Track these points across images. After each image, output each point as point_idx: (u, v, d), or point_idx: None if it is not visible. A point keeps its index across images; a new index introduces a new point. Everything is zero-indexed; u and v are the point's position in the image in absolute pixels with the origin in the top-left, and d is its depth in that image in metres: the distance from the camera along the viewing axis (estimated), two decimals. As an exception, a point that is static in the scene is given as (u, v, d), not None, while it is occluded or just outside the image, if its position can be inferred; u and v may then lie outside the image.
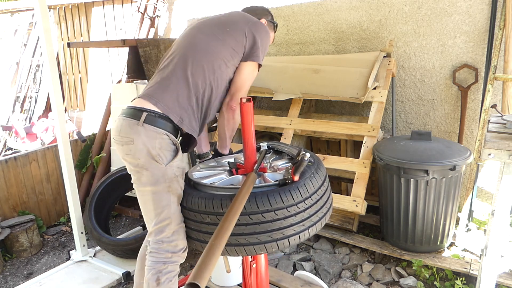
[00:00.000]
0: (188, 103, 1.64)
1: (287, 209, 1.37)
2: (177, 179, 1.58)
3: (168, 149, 1.58)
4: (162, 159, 1.56)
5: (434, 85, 3.03)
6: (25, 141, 5.21)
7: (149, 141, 1.54)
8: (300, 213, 1.40)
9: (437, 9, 2.87)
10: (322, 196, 1.50)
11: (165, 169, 1.56)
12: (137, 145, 1.55)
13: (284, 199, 1.36)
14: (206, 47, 1.72)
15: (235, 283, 2.30)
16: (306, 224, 1.42)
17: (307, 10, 3.41)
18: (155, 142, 1.55)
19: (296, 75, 3.08)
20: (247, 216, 1.35)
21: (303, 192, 1.40)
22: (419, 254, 2.49)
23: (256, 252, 1.40)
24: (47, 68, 2.51)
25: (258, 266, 1.67)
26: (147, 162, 1.55)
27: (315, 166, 1.55)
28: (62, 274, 2.67)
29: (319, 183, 1.48)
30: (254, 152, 1.63)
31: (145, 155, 1.54)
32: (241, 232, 1.37)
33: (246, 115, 1.57)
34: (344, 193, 3.34)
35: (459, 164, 2.29)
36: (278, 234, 1.37)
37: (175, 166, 1.58)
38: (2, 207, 3.19)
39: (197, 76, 1.66)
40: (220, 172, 1.71)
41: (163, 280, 1.59)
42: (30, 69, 6.10)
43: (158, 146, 1.55)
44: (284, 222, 1.37)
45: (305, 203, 1.41)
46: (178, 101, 1.62)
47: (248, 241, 1.38)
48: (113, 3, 5.29)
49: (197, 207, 1.45)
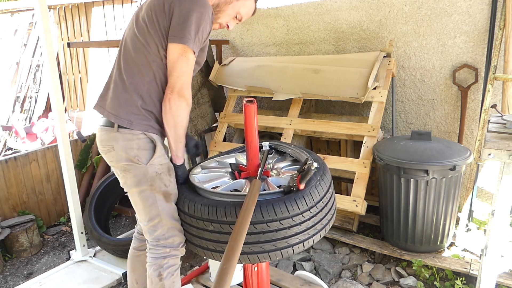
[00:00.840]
0: (134, 104, 1.57)
1: (292, 218, 1.34)
2: (160, 177, 1.58)
3: (147, 148, 1.58)
4: (141, 159, 1.56)
5: (434, 85, 3.03)
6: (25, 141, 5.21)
7: (126, 144, 1.56)
8: (305, 222, 1.37)
9: (437, 9, 2.87)
10: (327, 203, 1.48)
11: (145, 169, 1.56)
12: (117, 151, 1.57)
13: (290, 208, 1.33)
14: (133, 42, 1.59)
15: (235, 282, 2.30)
16: (310, 232, 1.40)
17: (307, 10, 3.41)
18: (132, 144, 1.56)
19: (296, 75, 3.08)
20: (251, 225, 1.32)
21: (308, 201, 1.37)
22: (419, 254, 2.49)
23: (260, 260, 1.38)
24: (47, 68, 2.51)
25: (259, 267, 1.66)
26: (128, 165, 1.57)
27: (320, 172, 1.51)
28: (62, 274, 2.67)
29: (324, 190, 1.45)
30: (257, 154, 1.61)
31: (125, 158, 1.56)
32: (245, 241, 1.34)
33: (249, 116, 1.54)
34: (344, 193, 3.34)
35: (459, 164, 2.29)
36: (282, 243, 1.35)
37: (156, 164, 1.57)
38: (2, 207, 3.19)
39: (133, 75, 1.57)
40: (222, 175, 1.68)
41: (165, 275, 1.60)
42: (30, 69, 6.10)
43: (136, 147, 1.56)
44: (288, 231, 1.35)
45: (310, 211, 1.38)
46: (121, 105, 1.57)
47: (252, 250, 1.36)
48: (113, 3, 5.29)
49: (200, 214, 1.42)
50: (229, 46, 3.92)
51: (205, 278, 2.40)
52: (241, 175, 1.65)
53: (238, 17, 1.73)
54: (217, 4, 1.66)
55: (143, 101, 1.57)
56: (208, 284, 2.36)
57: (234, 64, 3.47)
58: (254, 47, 3.78)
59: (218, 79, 3.45)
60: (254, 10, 1.78)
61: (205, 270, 2.47)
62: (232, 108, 3.46)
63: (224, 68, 3.47)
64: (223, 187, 1.57)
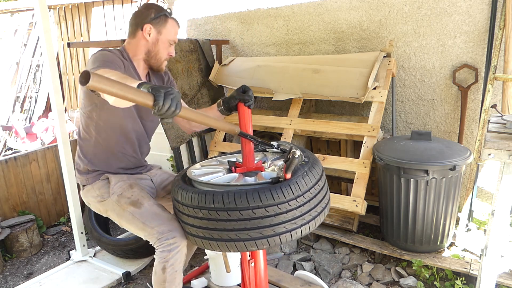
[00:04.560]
0: (84, 169, 1.94)
1: (277, 206, 1.38)
2: (122, 195, 1.80)
3: (104, 185, 1.88)
4: (104, 195, 1.85)
5: (434, 85, 3.03)
6: (25, 141, 5.21)
7: (92, 193, 1.89)
8: (292, 211, 1.40)
9: (437, 9, 2.87)
10: (317, 194, 1.50)
11: (110, 199, 1.82)
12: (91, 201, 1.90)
13: (275, 196, 1.37)
14: None
15: (235, 283, 2.30)
16: (298, 222, 1.43)
17: (307, 10, 3.41)
18: (94, 190, 1.88)
19: (296, 75, 3.08)
20: (237, 211, 1.37)
21: (294, 190, 1.40)
22: (419, 254, 2.49)
23: (247, 248, 1.41)
24: (47, 68, 2.51)
25: (257, 266, 1.66)
26: (102, 206, 1.86)
27: (309, 164, 1.55)
28: (62, 274, 2.67)
29: (312, 181, 1.48)
30: (251, 151, 1.65)
31: (98, 203, 1.87)
32: (232, 228, 1.39)
33: (243, 114, 1.59)
34: (344, 193, 3.34)
35: (459, 164, 2.29)
36: (269, 231, 1.38)
37: (116, 189, 1.82)
38: (2, 207, 3.19)
39: (81, 141, 1.95)
40: (219, 170, 1.72)
41: (168, 269, 1.68)
42: (30, 69, 6.10)
43: (97, 190, 1.87)
44: (274, 219, 1.38)
45: (297, 201, 1.41)
46: (79, 171, 1.99)
47: (238, 237, 1.40)
48: (113, 3, 5.30)
49: (190, 202, 1.48)
50: (229, 46, 3.92)
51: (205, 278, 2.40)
52: (236, 170, 1.68)
53: (171, 42, 1.87)
54: (148, 51, 1.85)
55: (91, 163, 1.90)
56: (208, 284, 2.36)
57: (234, 64, 3.47)
58: (254, 47, 3.78)
59: (218, 79, 3.45)
60: (177, 24, 1.88)
61: (205, 270, 2.47)
62: (232, 108, 3.45)
63: (224, 68, 3.47)
64: (216, 180, 1.60)
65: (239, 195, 1.37)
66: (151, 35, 1.80)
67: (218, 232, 1.42)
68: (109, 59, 1.65)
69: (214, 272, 2.33)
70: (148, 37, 1.80)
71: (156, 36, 1.81)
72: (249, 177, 1.59)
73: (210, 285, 2.34)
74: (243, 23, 3.76)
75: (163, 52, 1.85)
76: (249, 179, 1.57)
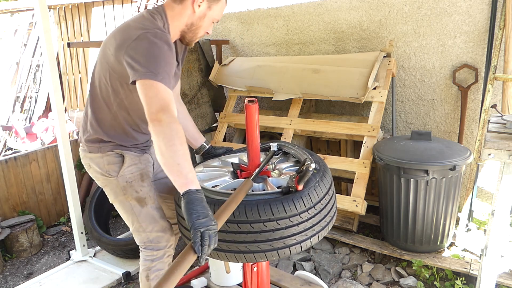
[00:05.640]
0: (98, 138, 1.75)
1: (289, 219, 1.34)
2: (131, 185, 1.72)
3: (115, 162, 1.73)
4: (111, 173, 1.72)
5: (434, 85, 3.03)
6: (25, 141, 5.21)
7: (98, 162, 1.73)
8: (303, 223, 1.36)
9: (437, 9, 2.87)
10: (326, 205, 1.46)
11: (117, 180, 1.72)
12: (93, 168, 1.76)
13: (287, 208, 1.32)
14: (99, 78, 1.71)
15: (235, 283, 2.30)
16: (308, 233, 1.39)
17: (307, 10, 3.41)
18: (103, 161, 1.73)
19: (296, 75, 3.08)
20: (248, 224, 1.32)
21: (306, 202, 1.36)
22: (419, 254, 2.49)
23: (256, 259, 1.37)
24: (47, 68, 2.51)
25: (259, 267, 1.66)
26: (104, 180, 1.75)
27: (320, 174, 1.51)
28: (62, 274, 2.67)
29: (323, 192, 1.44)
30: (258, 154, 1.61)
31: (100, 174, 1.74)
32: (242, 240, 1.34)
33: (250, 116, 1.54)
34: (344, 193, 3.34)
35: (459, 164, 2.29)
36: (279, 243, 1.35)
37: (126, 174, 1.72)
38: (2, 207, 3.19)
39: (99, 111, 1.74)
40: (223, 174, 1.68)
41: (152, 277, 1.72)
42: (30, 69, 6.10)
43: (106, 163, 1.72)
44: (286, 232, 1.34)
45: (308, 213, 1.37)
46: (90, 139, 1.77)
47: (248, 249, 1.36)
48: (113, 3, 5.30)
49: None
50: (229, 46, 3.92)
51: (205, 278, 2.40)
52: (242, 175, 1.65)
53: (215, 21, 1.72)
54: (191, 24, 1.66)
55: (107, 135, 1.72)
56: (208, 284, 2.36)
57: (234, 64, 3.47)
58: (254, 47, 3.78)
59: (218, 79, 3.45)
60: (226, 3, 1.73)
61: (205, 269, 2.47)
62: (232, 108, 3.46)
63: (224, 68, 3.47)
64: (222, 186, 1.57)
65: (250, 207, 1.32)
66: (201, 8, 1.61)
67: (227, 244, 1.37)
68: (165, 59, 1.44)
69: (214, 272, 2.33)
70: (197, 9, 1.61)
71: (205, 10, 1.63)
72: (256, 183, 1.55)
73: (210, 285, 2.34)
74: (243, 23, 3.76)
75: (205, 28, 1.69)
76: (257, 185, 1.54)
